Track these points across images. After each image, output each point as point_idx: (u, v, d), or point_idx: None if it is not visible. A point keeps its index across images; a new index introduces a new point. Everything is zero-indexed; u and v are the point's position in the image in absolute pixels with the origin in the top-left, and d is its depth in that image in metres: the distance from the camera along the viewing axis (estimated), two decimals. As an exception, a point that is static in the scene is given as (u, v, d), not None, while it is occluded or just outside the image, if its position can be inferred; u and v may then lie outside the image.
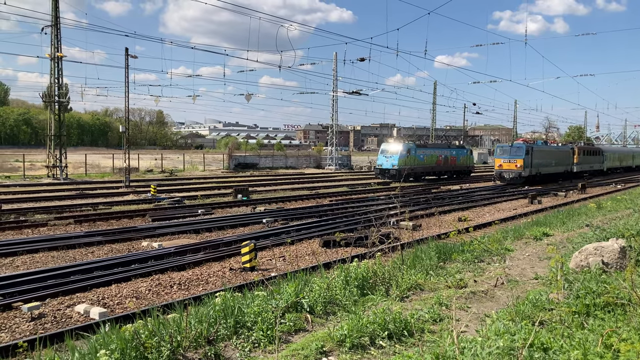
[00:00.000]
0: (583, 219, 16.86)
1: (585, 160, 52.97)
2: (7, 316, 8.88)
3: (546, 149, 45.53)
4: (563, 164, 47.34)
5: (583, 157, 51.75)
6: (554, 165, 45.21)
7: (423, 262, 9.36)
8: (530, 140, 48.66)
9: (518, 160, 39.85)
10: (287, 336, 5.75)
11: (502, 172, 40.40)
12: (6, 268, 12.40)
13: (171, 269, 12.23)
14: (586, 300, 6.07)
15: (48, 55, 38.61)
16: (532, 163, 40.56)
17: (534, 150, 41.49)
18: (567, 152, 49.16)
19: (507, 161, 40.34)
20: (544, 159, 43.30)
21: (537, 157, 41.61)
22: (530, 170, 40.38)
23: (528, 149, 40.59)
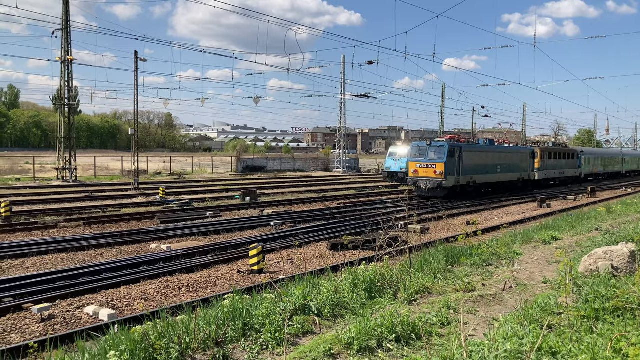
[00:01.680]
0: (592, 223, 16.76)
1: (553, 164, 43.07)
2: (18, 317, 8.96)
3: (484, 149, 34.15)
4: (516, 169, 36.56)
5: (549, 160, 42.06)
6: (500, 171, 34.41)
7: (431, 265, 9.34)
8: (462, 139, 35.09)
9: (438, 165, 28.94)
10: (295, 339, 5.76)
11: (418, 181, 29.59)
12: (17, 269, 12.51)
13: (179, 271, 12.28)
14: (595, 305, 6.03)
15: (58, 59, 38.93)
16: (460, 169, 30.02)
17: (464, 151, 30.57)
18: (522, 154, 38.00)
19: (424, 165, 29.41)
20: (482, 163, 32.58)
21: (470, 161, 30.94)
22: (457, 178, 29.80)
23: (453, 149, 29.81)
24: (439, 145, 29.87)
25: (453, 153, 29.70)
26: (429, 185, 29.19)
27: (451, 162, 29.40)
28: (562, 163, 45.16)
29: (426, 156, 29.84)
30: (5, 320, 8.78)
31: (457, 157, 29.85)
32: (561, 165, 44.87)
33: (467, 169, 30.78)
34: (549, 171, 42.33)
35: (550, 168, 42.39)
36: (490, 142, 37.71)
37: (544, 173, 41.25)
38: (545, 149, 42.34)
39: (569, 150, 48.22)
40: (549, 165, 42.21)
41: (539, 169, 40.17)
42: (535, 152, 39.78)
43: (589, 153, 54.98)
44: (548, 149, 42.86)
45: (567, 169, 46.16)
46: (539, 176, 40.29)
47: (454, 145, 30.26)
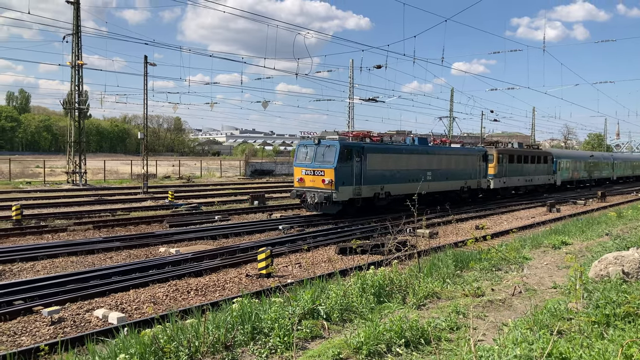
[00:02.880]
0: (603, 228, 16.64)
1: (516, 170, 36.13)
2: (28, 320, 9.02)
3: (402, 151, 25.99)
4: (459, 176, 29.79)
5: (510, 165, 35.24)
6: (432, 179, 27.36)
7: (440, 270, 9.31)
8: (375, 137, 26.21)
9: (326, 172, 21.68)
10: (303, 343, 5.76)
11: (305, 192, 22.44)
12: (27, 272, 12.60)
13: (188, 275, 12.32)
14: (606, 310, 5.99)
15: (69, 63, 39.25)
16: (362, 176, 22.74)
17: (368, 152, 23.17)
18: (467, 157, 30.59)
19: (311, 172, 22.31)
20: (400, 168, 25.35)
21: (378, 166, 23.88)
22: (356, 189, 22.46)
23: (349, 150, 22.22)
24: (329, 145, 22.19)
25: (349, 155, 22.29)
26: (316, 198, 21.74)
27: (346, 168, 22.05)
28: (530, 168, 38.36)
29: (313, 159, 22.44)
30: (16, 323, 8.85)
31: (355, 161, 22.52)
32: (528, 170, 38.07)
33: (373, 176, 23.50)
34: (511, 178, 35.51)
35: (512, 174, 35.55)
36: (422, 141, 29.31)
37: (502, 180, 34.43)
38: (504, 150, 35.44)
39: (539, 153, 40.64)
40: (511, 170, 35.41)
41: (496, 175, 33.44)
42: (488, 154, 32.98)
43: (567, 156, 47.64)
44: (508, 151, 35.87)
45: (536, 175, 39.34)
46: (496, 184, 33.47)
47: (351, 146, 22.67)
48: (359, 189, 22.74)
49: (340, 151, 21.83)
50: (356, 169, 22.56)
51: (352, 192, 22.47)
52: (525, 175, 37.70)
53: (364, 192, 23.05)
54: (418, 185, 24.74)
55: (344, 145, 22.32)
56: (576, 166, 48.04)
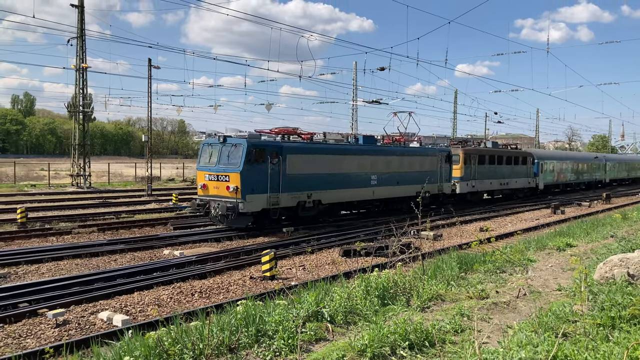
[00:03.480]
0: (608, 230, 16.57)
1: (488, 172, 32.34)
2: (33, 322, 9.05)
3: (333, 151, 22.14)
4: (414, 179, 25.58)
5: (481, 167, 31.56)
6: (377, 183, 23.79)
7: (444, 272, 9.29)
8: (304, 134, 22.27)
9: (231, 177, 18.17)
10: (308, 345, 5.76)
11: (209, 202, 18.82)
12: (32, 275, 12.64)
13: (192, 277, 12.34)
14: (611, 313, 5.97)
15: (73, 67, 39.41)
16: (281, 181, 19.22)
17: (288, 153, 19.63)
18: (424, 158, 27.02)
19: (214, 177, 18.74)
20: (331, 172, 21.47)
21: (302, 169, 20.20)
22: (272, 197, 18.87)
23: (260, 150, 18.71)
24: (235, 144, 18.52)
25: (261, 156, 18.59)
26: (219, 210, 18.26)
27: (257, 172, 18.35)
28: (505, 170, 34.46)
29: (217, 162, 18.83)
30: (21, 326, 8.88)
31: (271, 164, 18.85)
32: (504, 172, 34.20)
33: (296, 181, 19.84)
34: (482, 181, 31.71)
35: (483, 177, 31.83)
36: (368, 139, 25.30)
37: (472, 184, 30.74)
38: (472, 150, 31.38)
39: (516, 154, 36.47)
40: (482, 173, 31.71)
41: (462, 178, 29.89)
42: (453, 154, 29.42)
43: (552, 157, 43.60)
44: (478, 151, 31.87)
45: (513, 178, 35.21)
46: (462, 188, 29.85)
47: (263, 145, 18.92)
48: (275, 197, 19.03)
49: (248, 151, 18.10)
50: (272, 173, 18.85)
51: (267, 201, 18.75)
52: (499, 178, 33.60)
53: (283, 200, 19.36)
54: (359, 192, 22.64)
55: (253, 144, 18.42)
56: (562, 168, 43.51)
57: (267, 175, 18.71)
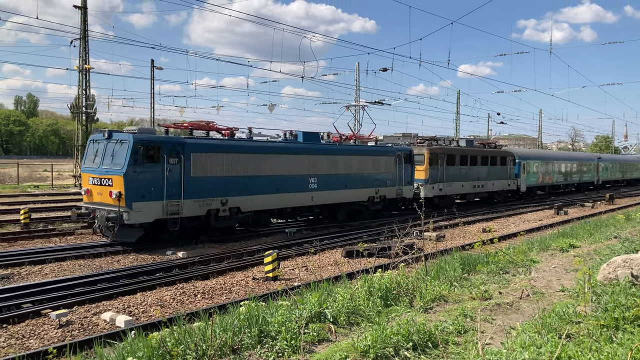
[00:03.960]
0: (611, 231, 16.54)
1: (460, 174, 29.45)
2: (37, 323, 9.07)
3: (253, 148, 18.87)
4: (366, 183, 22.99)
5: (450, 168, 28.56)
6: (321, 187, 20.79)
7: (447, 273, 9.29)
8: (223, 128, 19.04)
9: (115, 180, 15.25)
10: (310, 346, 5.76)
11: (95, 209, 16.01)
12: (35, 276, 12.66)
13: (195, 278, 12.35)
14: (615, 314, 5.95)
15: (76, 68, 39.50)
16: (184, 185, 16.24)
17: (191, 149, 16.63)
18: (376, 159, 23.88)
19: (98, 182, 15.84)
20: (257, 174, 18.49)
21: (213, 171, 17.22)
22: (170, 205, 15.88)
23: (150, 148, 15.70)
24: (120, 140, 15.56)
25: (153, 156, 15.63)
26: (99, 220, 15.86)
27: (147, 174, 15.42)
28: (481, 171, 31.34)
29: (101, 162, 15.83)
30: (25, 326, 8.89)
31: (169, 164, 15.81)
32: (479, 174, 31.08)
33: (204, 185, 16.81)
34: (452, 184, 28.62)
35: (453, 179, 28.77)
36: (310, 137, 21.76)
37: (438, 187, 27.55)
38: (439, 149, 28.14)
39: (494, 153, 33.13)
40: (451, 174, 28.60)
41: (428, 180, 26.78)
42: (416, 154, 26.35)
43: (536, 157, 39.73)
44: (446, 151, 28.71)
45: (490, 180, 32.00)
46: (428, 192, 26.69)
47: (156, 142, 15.85)
48: (175, 204, 15.87)
49: (135, 149, 15.08)
50: (170, 176, 15.77)
51: (163, 209, 15.61)
52: (473, 180, 30.49)
53: (186, 208, 16.16)
54: (293, 197, 19.63)
55: (141, 140, 15.36)
56: (548, 169, 39.88)
57: (163, 178, 15.61)
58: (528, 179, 36.89)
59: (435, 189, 27.40)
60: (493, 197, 33.28)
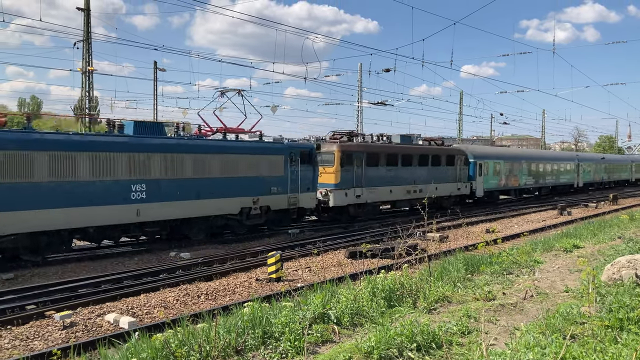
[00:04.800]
0: (615, 231, 16.49)
1: (387, 176, 24.22)
2: (41, 324, 9.09)
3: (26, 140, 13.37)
4: (240, 191, 18.25)
5: (371, 169, 23.31)
6: (157, 197, 15.84)
7: (450, 274, 9.27)
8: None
9: None
10: (314, 347, 5.76)
11: None
12: (39, 277, 12.68)
13: (198, 279, 12.36)
14: (619, 314, 5.93)
15: (79, 69, 39.60)
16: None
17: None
18: (262, 159, 19.19)
19: None
20: (23, 179, 13.04)
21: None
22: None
23: None
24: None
25: None
26: None
27: None
28: (418, 173, 26.10)
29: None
30: (29, 327, 8.92)
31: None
32: (415, 176, 25.87)
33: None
34: (375, 189, 23.43)
35: (378, 182, 23.59)
36: (143, 127, 16.62)
37: (356, 193, 22.30)
38: (355, 147, 22.97)
39: (437, 152, 28.06)
40: (375, 177, 23.43)
41: (341, 185, 21.55)
42: (322, 152, 21.75)
43: (495, 156, 33.99)
44: (367, 148, 23.58)
45: (432, 184, 26.14)
46: (339, 199, 21.50)
47: None
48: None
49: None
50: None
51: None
52: (407, 184, 25.35)
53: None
54: (103, 213, 14.47)
55: None
56: (513, 169, 34.79)
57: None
58: (487, 182, 31.77)
59: (349, 195, 22.07)
60: (438, 204, 26.75)
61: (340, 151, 21.86)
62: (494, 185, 32.75)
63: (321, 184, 21.37)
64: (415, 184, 25.88)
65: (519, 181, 35.60)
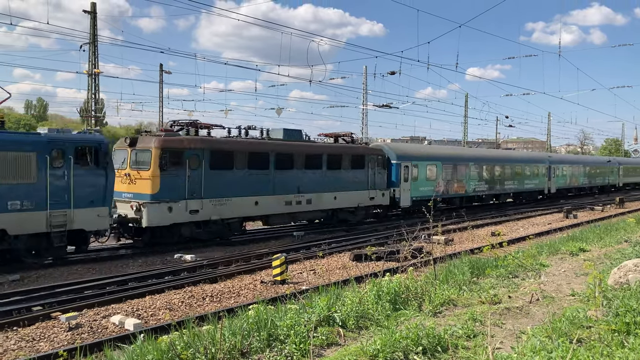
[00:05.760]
0: (621, 234, 16.41)
1: (252, 182, 18.31)
2: (46, 326, 9.11)
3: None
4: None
5: (220, 173, 17.38)
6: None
7: (456, 277, 9.25)
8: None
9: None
10: (319, 350, 5.76)
11: None
12: (45, 279, 12.73)
13: (203, 281, 12.37)
14: (626, 318, 5.90)
15: (86, 72, 39.76)
16: None
17: None
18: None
19: None
20: None
21: None
22: None
23: None
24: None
25: None
26: None
27: None
28: (307, 179, 20.25)
29: None
30: (35, 329, 8.94)
31: None
32: (300, 183, 19.98)
33: None
34: (227, 201, 17.42)
35: (235, 192, 17.71)
36: None
37: (188, 208, 16.36)
38: (186, 142, 16.85)
39: (337, 150, 22.33)
40: (225, 184, 17.44)
41: (160, 196, 15.81)
42: (134, 149, 16.46)
43: (429, 157, 27.72)
44: (209, 144, 17.36)
45: (330, 192, 21.17)
46: (157, 217, 15.79)
47: None
48: None
49: None
50: None
51: None
52: (285, 194, 19.39)
53: None
54: None
55: None
56: (456, 173, 28.77)
57: None
58: (416, 189, 25.81)
59: (177, 210, 16.13)
60: (337, 216, 22.13)
61: (160, 148, 15.84)
62: (427, 192, 25.75)
63: (134, 195, 15.99)
64: (300, 193, 19.94)
65: (465, 187, 29.36)
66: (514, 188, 34.37)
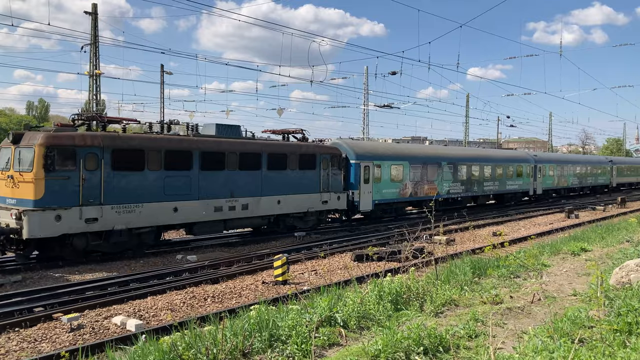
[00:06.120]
0: (623, 234, 16.38)
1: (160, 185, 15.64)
2: (48, 327, 9.13)
3: None
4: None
5: (123, 176, 14.82)
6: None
7: (457, 277, 9.25)
8: None
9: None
10: (321, 350, 5.76)
11: None
12: (47, 280, 12.75)
13: (205, 282, 12.38)
14: (628, 318, 5.90)
15: (87, 73, 39.83)
16: None
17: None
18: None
19: None
20: None
21: None
22: None
23: None
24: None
25: None
26: None
27: None
28: (246, 181, 18.18)
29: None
30: (37, 330, 8.96)
31: None
32: (239, 185, 17.94)
33: None
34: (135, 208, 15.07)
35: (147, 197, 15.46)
36: None
37: (80, 215, 13.91)
38: (80, 139, 14.44)
39: (280, 149, 19.97)
40: (138, 189, 15.26)
41: (44, 201, 13.48)
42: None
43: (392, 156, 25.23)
44: (110, 141, 15.00)
45: (272, 196, 19.04)
46: (39, 227, 13.26)
47: None
48: None
49: None
50: None
51: None
52: (214, 198, 17.22)
53: None
54: None
55: None
56: (426, 173, 26.58)
57: None
58: (378, 191, 23.55)
59: (68, 219, 13.80)
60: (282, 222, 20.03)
61: (45, 146, 13.67)
62: (392, 194, 24.25)
63: (17, 201, 13.80)
64: (234, 197, 17.79)
65: (437, 189, 27.14)
66: (494, 189, 32.09)
